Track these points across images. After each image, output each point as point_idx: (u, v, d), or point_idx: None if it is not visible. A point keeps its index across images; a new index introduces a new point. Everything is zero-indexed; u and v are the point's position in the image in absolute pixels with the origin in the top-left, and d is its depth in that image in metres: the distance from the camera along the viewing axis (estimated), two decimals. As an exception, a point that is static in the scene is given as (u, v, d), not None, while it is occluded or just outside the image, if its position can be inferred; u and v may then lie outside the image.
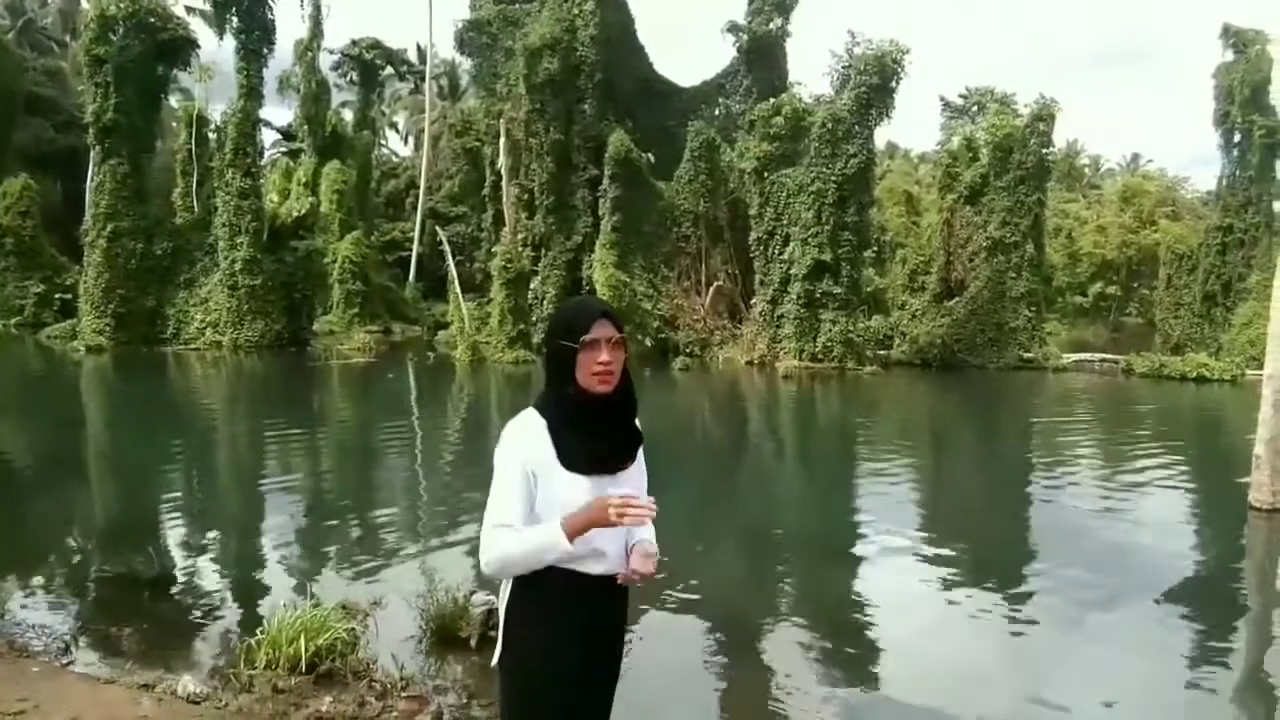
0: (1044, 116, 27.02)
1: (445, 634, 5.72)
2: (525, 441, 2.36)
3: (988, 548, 7.99)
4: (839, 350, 24.26)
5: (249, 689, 4.84)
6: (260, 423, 16.48)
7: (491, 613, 5.81)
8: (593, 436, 2.38)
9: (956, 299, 27.41)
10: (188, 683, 4.85)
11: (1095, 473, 11.93)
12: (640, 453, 2.53)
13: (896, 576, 7.08)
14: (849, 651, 5.55)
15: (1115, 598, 6.49)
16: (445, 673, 5.42)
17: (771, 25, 29.64)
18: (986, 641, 5.81)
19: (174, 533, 8.70)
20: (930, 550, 7.83)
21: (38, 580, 6.53)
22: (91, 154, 27.73)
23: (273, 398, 20.56)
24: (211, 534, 8.65)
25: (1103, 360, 26.61)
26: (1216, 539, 9.11)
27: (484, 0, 30.75)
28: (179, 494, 10.46)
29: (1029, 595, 6.59)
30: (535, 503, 2.34)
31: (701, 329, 26.69)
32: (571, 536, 2.25)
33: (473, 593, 6.04)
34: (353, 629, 5.40)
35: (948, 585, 6.83)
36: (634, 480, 2.46)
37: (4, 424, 15.12)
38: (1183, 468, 12.75)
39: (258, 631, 5.37)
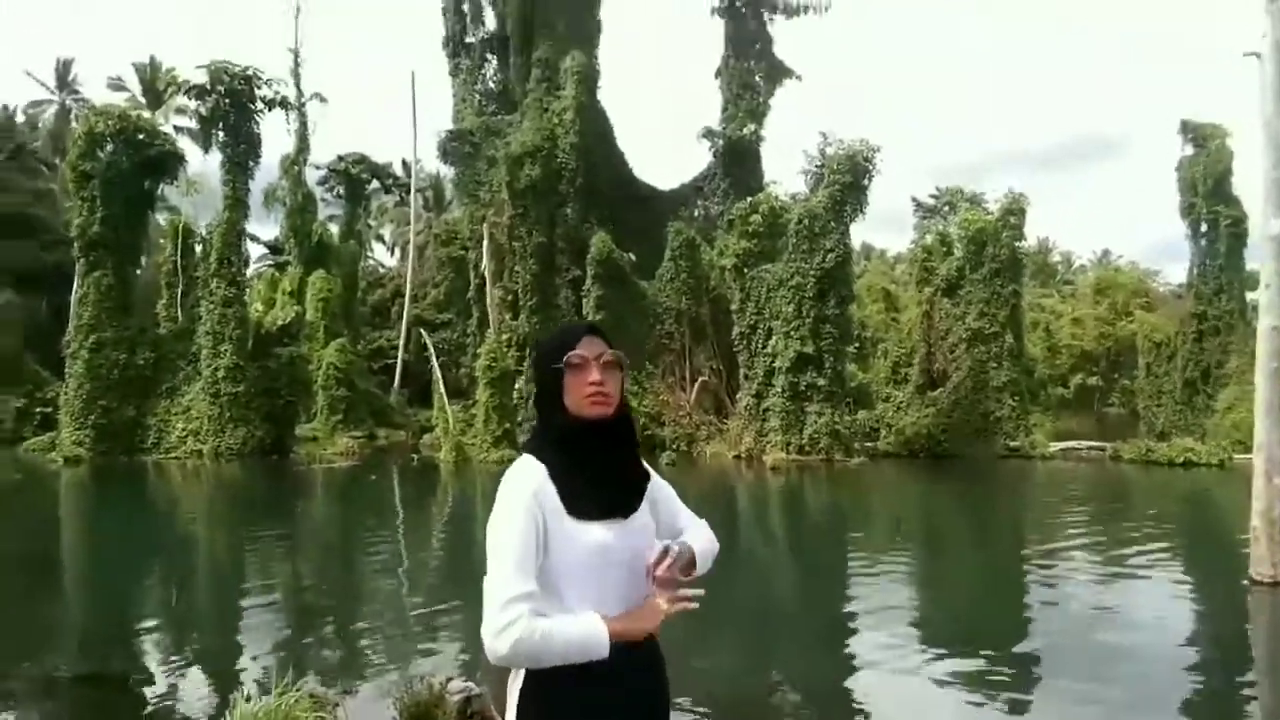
0: (1014, 210, 27.68)
1: (420, 724, 5.44)
2: (528, 491, 1.98)
3: (984, 647, 7.46)
4: (825, 442, 24.16)
5: (208, 785, 4.55)
6: (237, 526, 16.15)
7: (470, 700, 5.54)
8: (601, 476, 2.05)
9: (940, 389, 27.50)
10: (141, 779, 4.54)
11: (1091, 561, 11.68)
12: (655, 478, 2.21)
13: (894, 681, 6.65)
14: None
15: (1122, 702, 6.07)
16: (419, 764, 5.13)
17: (745, 130, 30.60)
18: None
19: (141, 634, 8.38)
20: (928, 653, 7.38)
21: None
22: (77, 267, 27.86)
23: (252, 502, 20.20)
24: (180, 634, 8.34)
25: (1090, 448, 26.54)
26: (1220, 619, 8.89)
27: (466, 111, 31.70)
28: (149, 598, 10.10)
29: (1028, 702, 6.20)
30: (540, 566, 1.96)
31: (688, 424, 26.59)
32: (616, 639, 1.93)
33: (449, 679, 5.76)
34: (321, 718, 5.12)
35: (948, 691, 6.36)
36: (647, 521, 2.12)
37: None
38: (1179, 550, 12.59)
39: (220, 725, 5.10)
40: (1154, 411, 32.21)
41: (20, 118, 47.37)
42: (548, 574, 1.98)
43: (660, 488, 2.22)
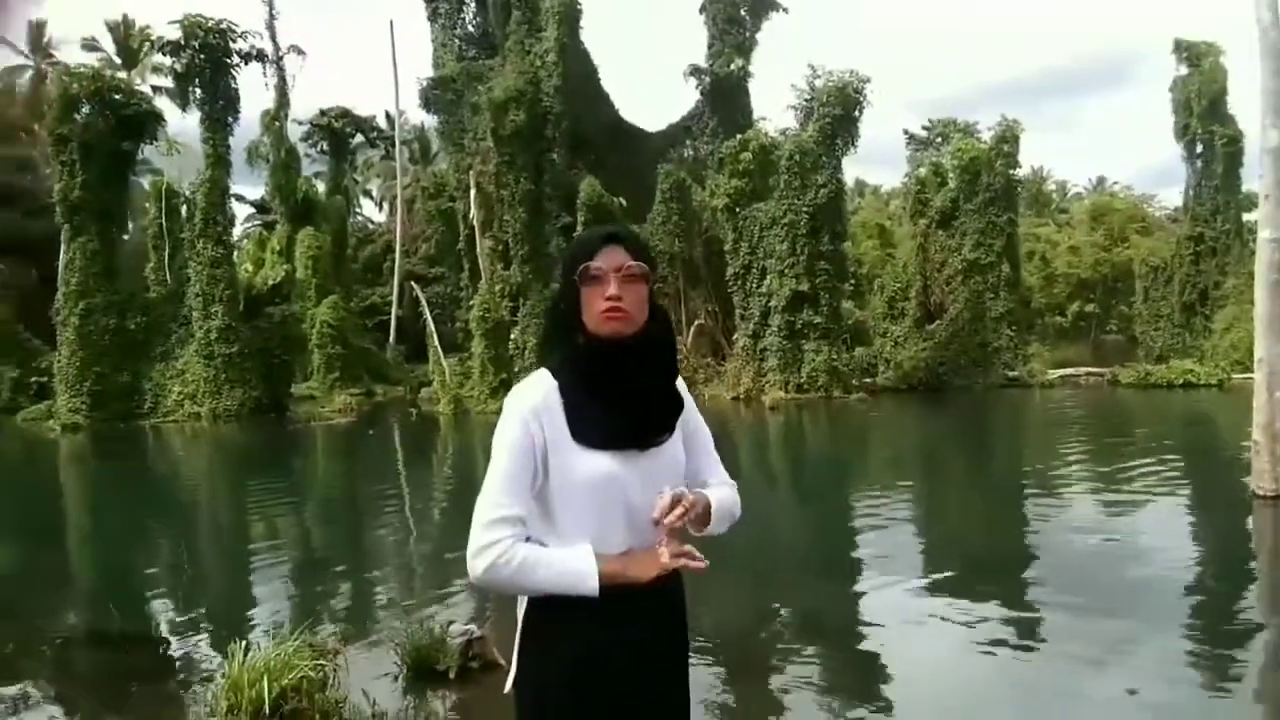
0: (1008, 138, 27.31)
1: (422, 668, 5.40)
2: (531, 409, 1.84)
3: (993, 574, 7.47)
4: (824, 379, 24.12)
5: (209, 736, 4.52)
6: (238, 485, 16.16)
7: (471, 643, 5.51)
8: (616, 401, 1.85)
9: (937, 322, 27.39)
10: (140, 731, 4.51)
11: (1093, 484, 11.69)
12: (693, 418, 2.03)
13: (900, 607, 6.57)
14: (855, 685, 5.15)
15: (1128, 619, 6.01)
16: (422, 708, 5.10)
17: (732, 66, 30.00)
18: (997, 676, 5.32)
19: (146, 592, 8.37)
20: (933, 580, 7.39)
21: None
22: (62, 233, 27.51)
23: (252, 461, 20.22)
24: (184, 591, 8.34)
25: (1088, 374, 26.53)
26: (1224, 535, 8.87)
27: (447, 57, 31.03)
28: (153, 557, 10.09)
29: (1038, 621, 6.13)
30: (539, 488, 1.84)
31: (685, 367, 26.47)
32: (605, 582, 1.78)
33: (450, 623, 5.74)
34: (321, 667, 5.06)
35: (957, 620, 6.21)
36: (672, 457, 1.92)
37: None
38: (1180, 469, 12.57)
39: (218, 676, 5.06)
40: (1152, 335, 32.16)
41: (-7, 86, 46.41)
42: (546, 499, 1.86)
43: (695, 427, 2.04)
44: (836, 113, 24.60)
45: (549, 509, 1.87)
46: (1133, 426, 18.28)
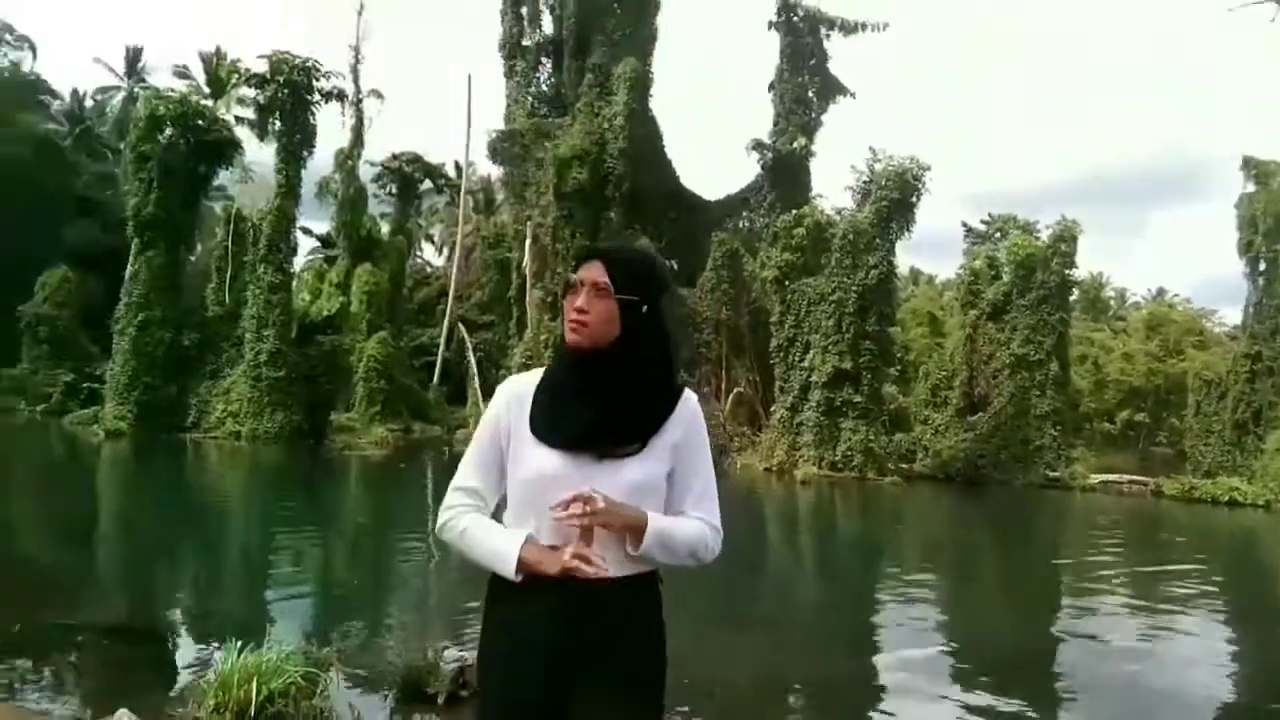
0: (1066, 238, 27.18)
1: (413, 689, 5.40)
2: (504, 398, 2.01)
3: (1012, 674, 7.19)
4: (859, 459, 23.85)
5: (191, 730, 4.55)
6: (268, 502, 16.36)
7: (464, 670, 5.49)
8: (566, 404, 1.93)
9: (980, 414, 27.02)
10: (123, 717, 4.55)
11: (1127, 594, 11.30)
12: (690, 447, 2.02)
13: (915, 697, 6.41)
14: None
15: None
16: (406, 728, 5.09)
17: (795, 144, 30.40)
18: None
19: (157, 593, 8.48)
20: (950, 678, 7.04)
21: None
22: (131, 246, 28.48)
23: (285, 482, 20.46)
24: (196, 596, 8.42)
25: (1131, 481, 25.85)
26: (1256, 658, 8.55)
27: (518, 113, 31.90)
28: (172, 561, 10.23)
29: None
30: (508, 472, 1.99)
31: (721, 435, 26.36)
32: (523, 568, 1.88)
33: (445, 648, 5.72)
34: (313, 675, 5.09)
35: (972, 711, 6.06)
36: (636, 476, 1.92)
37: (15, 499, 15.05)
38: (1219, 588, 12.16)
39: (210, 675, 5.10)
40: (1201, 450, 31.29)
41: (89, 103, 48.66)
42: (509, 484, 2.00)
43: (689, 455, 2.02)
44: (894, 196, 24.75)
45: (509, 493, 2.01)
46: (1172, 538, 17.74)
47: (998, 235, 38.63)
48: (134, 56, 48.61)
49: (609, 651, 1.93)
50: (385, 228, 43.83)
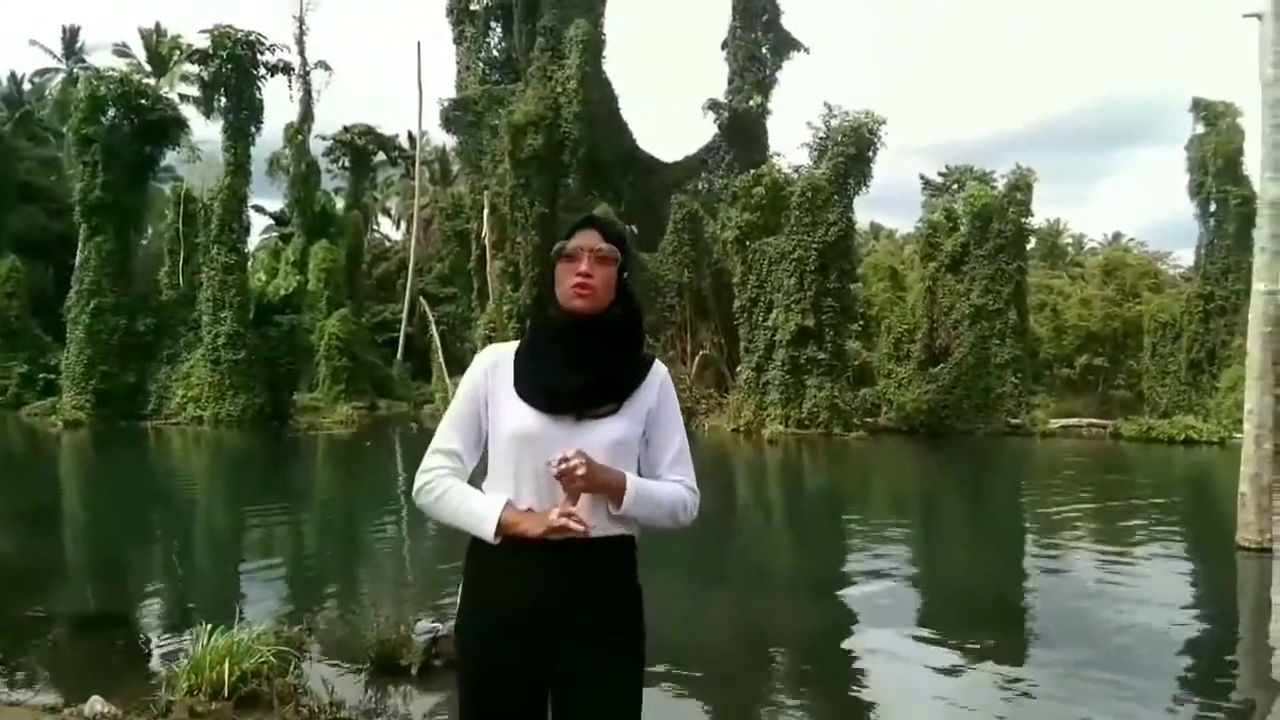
0: (1021, 186, 27.44)
1: (386, 662, 5.43)
2: (485, 362, 2.06)
3: (981, 618, 7.41)
4: (825, 416, 24.10)
5: (164, 714, 4.55)
6: (233, 485, 16.24)
7: (437, 640, 5.53)
8: (554, 363, 1.98)
9: (941, 366, 27.39)
10: (96, 704, 4.55)
11: (1086, 533, 11.64)
12: (665, 411, 2.06)
13: (886, 647, 6.48)
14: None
15: (1113, 670, 5.90)
16: (381, 700, 5.12)
17: (751, 103, 30.32)
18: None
19: (126, 581, 8.42)
20: (918, 620, 7.31)
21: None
22: (80, 232, 27.85)
23: (250, 465, 20.31)
24: (166, 582, 8.35)
25: (1090, 425, 26.43)
26: (1209, 587, 8.83)
27: (470, 80, 31.47)
28: (138, 549, 10.14)
29: (1022, 668, 6.07)
30: (484, 432, 2.04)
31: (687, 398, 26.49)
32: (502, 530, 1.91)
33: (417, 620, 5.76)
34: (283, 653, 5.10)
35: (950, 668, 6.07)
36: (612, 435, 1.97)
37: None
38: (1173, 522, 12.53)
39: (183, 658, 5.10)
40: (1158, 391, 31.97)
41: (27, 86, 47.26)
42: (489, 445, 2.04)
43: (664, 419, 2.06)
44: (850, 152, 24.80)
45: (489, 454, 2.04)
46: (1129, 478, 18.20)
47: (955, 187, 38.84)
48: (71, 37, 47.16)
49: (589, 614, 1.95)
50: (340, 203, 43.22)
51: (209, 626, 5.06)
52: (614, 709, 1.96)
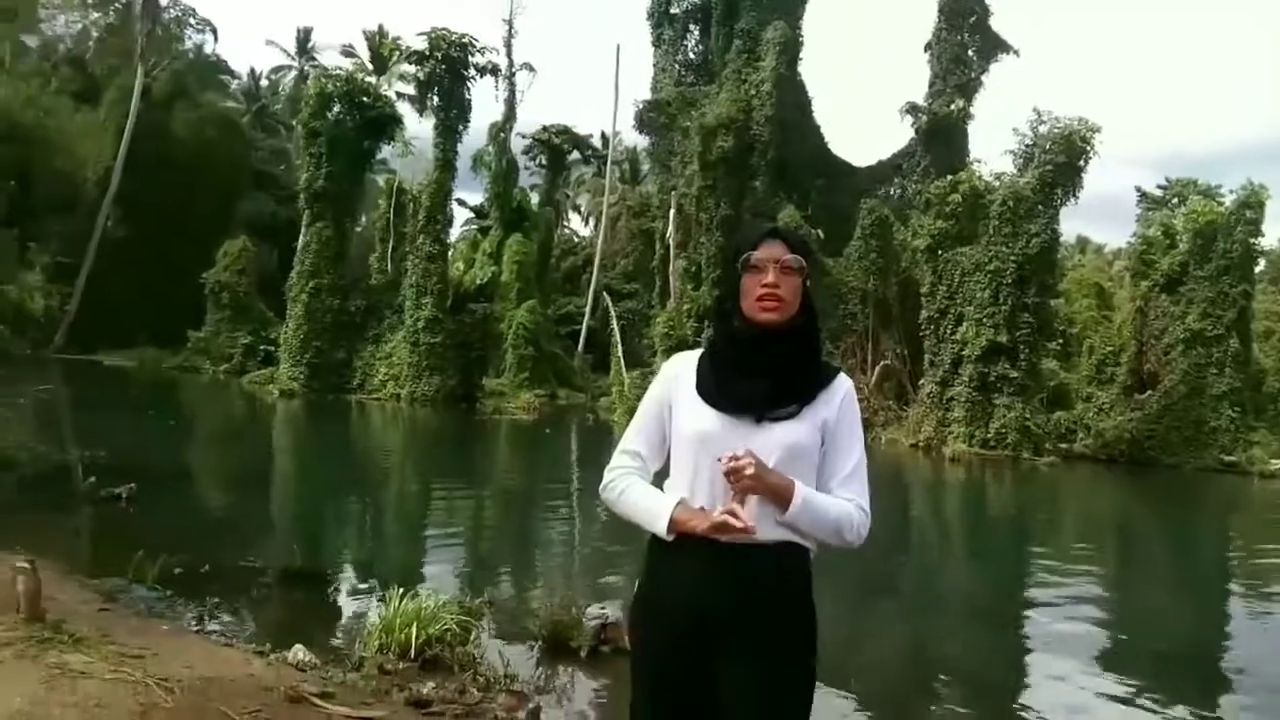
0: (1252, 203, 25.00)
1: (557, 642, 5.64)
2: (669, 370, 2.15)
3: (1176, 671, 6.86)
4: (1013, 438, 22.86)
5: (358, 668, 4.91)
6: (426, 461, 17.24)
7: (605, 627, 5.69)
8: (735, 371, 2.02)
9: (1149, 393, 25.37)
10: (299, 652, 4.95)
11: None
12: (843, 424, 2.06)
13: (1070, 691, 6.06)
14: None
15: None
16: (551, 678, 5.33)
17: (953, 107, 29.17)
18: None
19: (326, 540, 9.10)
20: (1107, 667, 6.70)
21: (190, 565, 6.84)
22: (303, 218, 30.31)
23: (440, 443, 21.46)
24: (361, 544, 8.99)
25: (1320, 469, 23.77)
26: None
27: (665, 82, 31.93)
28: (340, 512, 10.93)
29: None
30: (668, 435, 2.11)
31: (865, 409, 25.75)
32: (674, 527, 1.97)
33: (589, 605, 5.93)
34: (466, 622, 5.40)
35: (1126, 707, 5.75)
36: (789, 440, 1.98)
37: (203, 451, 16.42)
38: None
39: (375, 617, 5.48)
40: None
41: (264, 82, 51.86)
42: (673, 444, 2.12)
43: (841, 432, 2.06)
44: (1059, 160, 23.39)
45: (671, 456, 2.12)
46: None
47: (1175, 201, 35.96)
48: (304, 37, 51.35)
49: (759, 623, 1.96)
50: (535, 199, 44.90)
51: (400, 591, 5.43)
52: None
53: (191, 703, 3.61)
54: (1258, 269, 29.19)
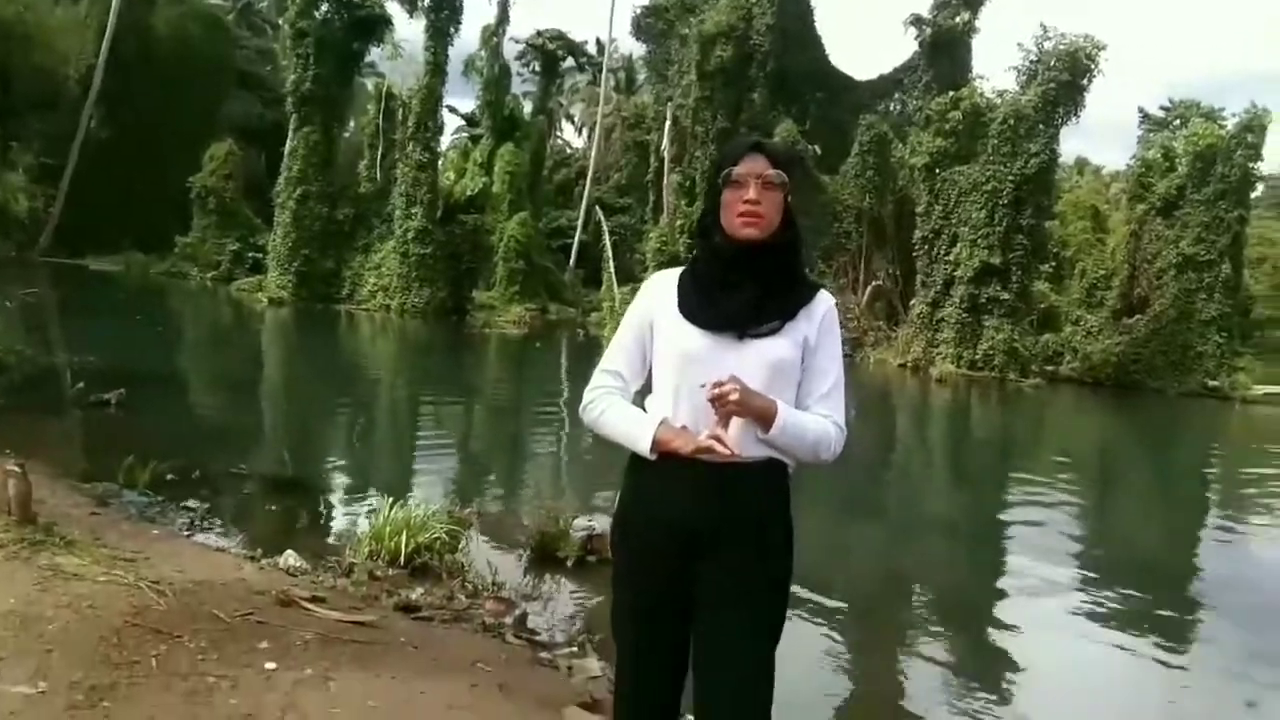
0: (1253, 127, 24.68)
1: (544, 552, 5.75)
2: (650, 289, 2.12)
3: (1152, 586, 7.00)
4: (1001, 359, 23.03)
5: (348, 574, 4.98)
6: (416, 373, 17.28)
7: (591, 539, 5.79)
8: (717, 287, 1.99)
9: (1138, 317, 25.48)
10: (290, 557, 5.02)
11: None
12: (823, 342, 2.05)
13: (1045, 602, 6.31)
14: (985, 680, 4.84)
15: None
16: (537, 585, 5.44)
17: (958, 19, 28.47)
18: (1136, 690, 5.08)
19: (316, 449, 9.17)
20: (1084, 582, 6.92)
21: (181, 471, 6.88)
22: (290, 122, 29.65)
23: (430, 354, 21.49)
24: (350, 453, 9.06)
25: (1303, 394, 24.06)
26: None
27: (664, -14, 31.03)
28: (328, 421, 11.00)
29: (1191, 645, 5.75)
30: (650, 352, 2.08)
31: (855, 328, 25.90)
32: (657, 446, 1.96)
33: (576, 517, 6.02)
34: (454, 531, 5.48)
35: (1099, 621, 5.91)
36: (771, 356, 1.98)
37: (192, 358, 16.40)
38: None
39: (365, 525, 5.56)
40: (1390, 366, 28.72)
41: (250, -22, 50.04)
42: (655, 362, 2.09)
43: (820, 349, 2.04)
44: (1063, 78, 22.98)
45: (653, 374, 2.09)
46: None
47: (1177, 123, 35.47)
48: (290, -68, 49.34)
49: (738, 538, 1.98)
50: (528, 107, 43.96)
51: (389, 500, 5.49)
52: (752, 631, 1.98)
53: (183, 605, 3.66)
54: (1255, 194, 29.02)
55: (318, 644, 3.51)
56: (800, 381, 2.04)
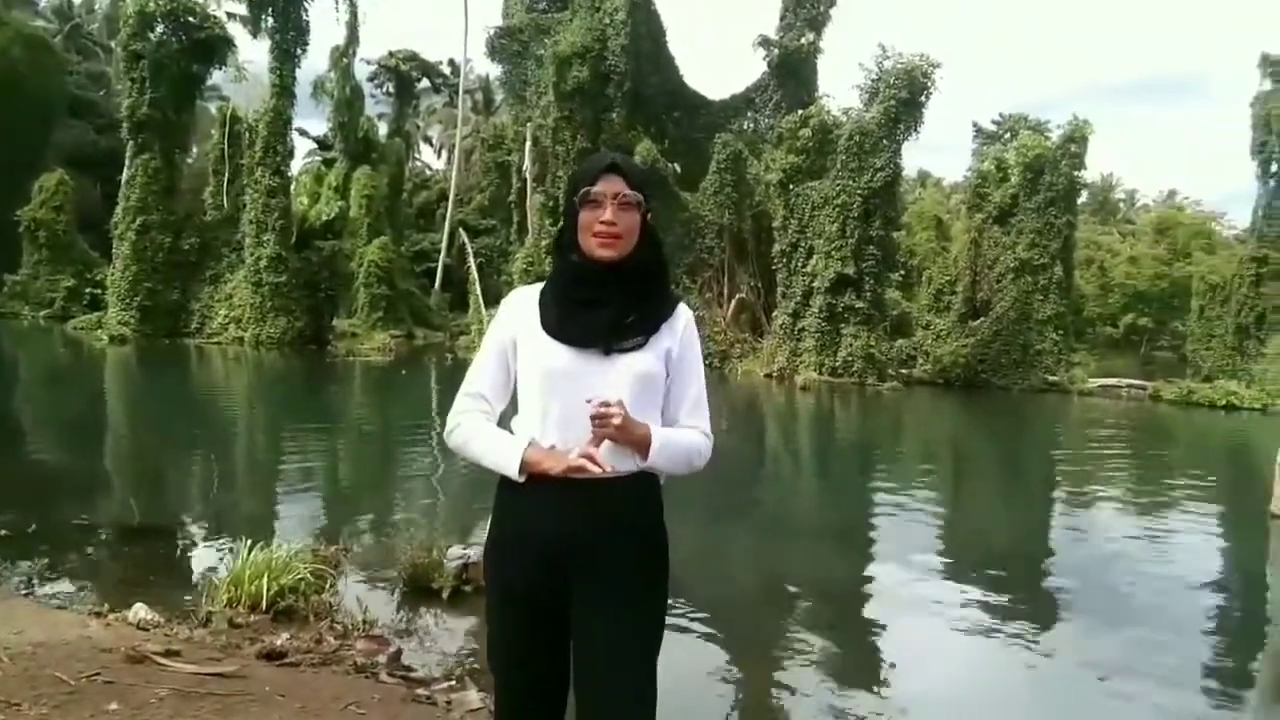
0: (1076, 138, 26.69)
1: (418, 584, 5.58)
2: (510, 307, 2.08)
3: (1008, 571, 7.41)
4: (859, 365, 23.98)
5: (205, 624, 4.71)
6: (272, 406, 16.57)
7: (467, 566, 5.66)
8: (580, 305, 1.98)
9: (981, 319, 27.03)
10: (140, 610, 4.71)
11: (1118, 494, 11.57)
12: (687, 355, 2.06)
13: (911, 594, 6.52)
14: (861, 675, 4.97)
15: (1137, 625, 5.97)
16: (412, 620, 5.27)
17: (803, 40, 29.60)
18: (1001, 671, 5.31)
19: (167, 493, 8.66)
20: (946, 571, 7.32)
21: (14, 526, 6.35)
22: (127, 149, 28.10)
23: (289, 386, 20.68)
24: (205, 496, 8.58)
25: (1130, 386, 26.04)
26: (1239, 554, 8.78)
27: (516, 8, 31.00)
28: (179, 463, 10.39)
29: (1047, 621, 6.08)
30: (513, 373, 2.05)
31: (722, 341, 26.47)
32: (526, 469, 1.93)
33: (450, 546, 5.88)
34: (320, 570, 5.26)
35: (965, 608, 6.20)
36: (637, 370, 1.98)
37: (23, 402, 15.23)
38: (1208, 488, 12.39)
39: (223, 571, 5.27)
40: (1202, 355, 31.45)
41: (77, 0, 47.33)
42: (520, 381, 2.05)
43: (683, 362, 2.06)
44: (902, 96, 24.22)
45: (519, 394, 2.05)
46: (1166, 441, 17.99)
47: (1008, 136, 37.96)
48: (120, -50, 46.94)
49: (612, 550, 1.97)
50: (383, 129, 43.10)
51: (249, 542, 5.22)
52: (632, 644, 1.97)
53: (22, 669, 3.39)
54: (1080, 200, 31.28)
55: (174, 700, 3.30)
56: (667, 392, 2.05)
